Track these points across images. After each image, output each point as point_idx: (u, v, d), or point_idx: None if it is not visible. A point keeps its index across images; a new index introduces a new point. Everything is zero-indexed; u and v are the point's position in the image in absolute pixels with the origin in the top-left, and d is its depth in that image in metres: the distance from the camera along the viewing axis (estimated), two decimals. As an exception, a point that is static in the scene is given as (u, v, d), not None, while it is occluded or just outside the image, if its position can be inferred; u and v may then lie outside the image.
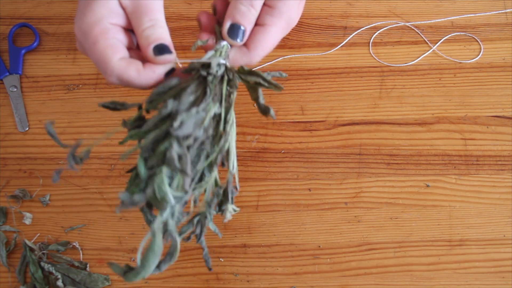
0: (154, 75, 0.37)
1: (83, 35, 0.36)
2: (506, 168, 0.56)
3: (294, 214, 0.54)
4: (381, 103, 0.59)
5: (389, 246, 0.53)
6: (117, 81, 0.37)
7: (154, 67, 0.37)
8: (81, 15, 0.37)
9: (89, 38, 0.36)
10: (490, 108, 0.58)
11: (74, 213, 0.54)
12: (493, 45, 0.61)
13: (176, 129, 0.34)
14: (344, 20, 0.63)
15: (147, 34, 0.37)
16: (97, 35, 0.36)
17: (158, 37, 0.37)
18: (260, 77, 0.38)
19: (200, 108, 0.36)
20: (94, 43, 0.36)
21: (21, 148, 0.57)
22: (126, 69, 0.36)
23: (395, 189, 0.55)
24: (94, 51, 0.36)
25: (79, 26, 0.36)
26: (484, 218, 0.54)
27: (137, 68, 0.36)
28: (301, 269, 0.52)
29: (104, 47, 0.36)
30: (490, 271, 0.52)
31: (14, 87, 0.59)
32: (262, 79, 0.38)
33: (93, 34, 0.36)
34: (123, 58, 0.36)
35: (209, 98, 0.37)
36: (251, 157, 0.56)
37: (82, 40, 0.37)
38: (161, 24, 0.37)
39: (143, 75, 0.36)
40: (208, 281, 0.52)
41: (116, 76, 0.36)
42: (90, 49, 0.36)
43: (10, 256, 0.53)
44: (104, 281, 0.51)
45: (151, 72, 0.37)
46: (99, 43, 0.36)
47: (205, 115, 0.36)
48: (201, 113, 0.36)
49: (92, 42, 0.36)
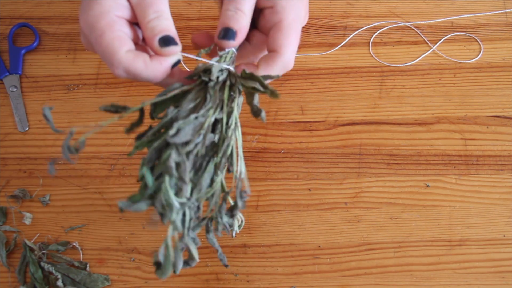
0: (161, 67, 0.37)
1: (89, 27, 0.36)
2: (506, 168, 0.56)
3: (294, 214, 0.54)
4: (381, 103, 0.59)
5: (389, 246, 0.53)
6: (123, 74, 0.36)
7: (161, 59, 0.37)
8: (87, 7, 0.36)
9: (96, 30, 0.36)
10: (490, 108, 0.58)
11: (74, 213, 0.54)
12: (493, 45, 0.61)
13: (172, 136, 0.34)
14: (344, 20, 0.63)
15: (152, 25, 0.37)
16: (103, 27, 0.36)
17: (164, 28, 0.37)
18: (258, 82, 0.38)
19: (199, 114, 0.36)
20: (100, 35, 0.35)
21: (21, 148, 0.57)
22: (133, 61, 0.36)
23: (395, 189, 0.55)
24: (100, 43, 0.36)
25: (85, 18, 0.36)
26: (484, 218, 0.54)
27: (145, 60, 0.36)
28: (301, 269, 0.52)
29: (111, 39, 0.35)
30: (490, 271, 0.52)
31: (14, 87, 0.60)
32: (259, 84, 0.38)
33: (99, 26, 0.36)
34: (130, 51, 0.36)
35: (208, 104, 0.37)
36: (251, 157, 0.56)
37: (88, 32, 0.37)
38: (166, 15, 0.37)
39: (150, 67, 0.36)
40: (208, 281, 0.52)
41: (123, 68, 0.36)
42: (97, 42, 0.36)
43: (10, 256, 0.53)
44: (104, 281, 0.51)
45: (158, 64, 0.37)
46: (105, 34, 0.35)
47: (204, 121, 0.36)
48: (200, 119, 0.36)
49: (98, 34, 0.36)
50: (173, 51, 0.37)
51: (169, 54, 0.37)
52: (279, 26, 0.40)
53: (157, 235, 0.53)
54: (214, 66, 0.38)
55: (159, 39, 0.36)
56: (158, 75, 0.37)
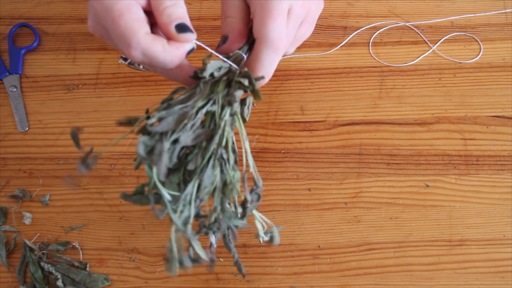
0: (178, 52, 0.37)
1: (105, 9, 0.36)
2: (506, 168, 0.56)
3: (294, 214, 0.54)
4: (381, 103, 0.59)
5: (389, 246, 0.53)
6: (140, 56, 0.37)
7: (178, 45, 0.37)
8: None
9: (113, 11, 0.36)
10: (490, 108, 0.58)
11: (74, 213, 0.54)
12: (493, 45, 0.61)
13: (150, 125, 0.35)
14: (344, 20, 0.63)
15: (169, 12, 0.37)
16: (122, 8, 0.36)
17: (180, 16, 0.37)
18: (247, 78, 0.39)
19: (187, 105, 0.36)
20: (119, 16, 0.36)
21: (21, 148, 0.57)
22: (152, 44, 0.36)
23: (395, 189, 0.55)
24: (118, 24, 0.36)
25: (99, 1, 0.36)
26: (484, 218, 0.54)
27: (163, 43, 0.37)
28: (301, 269, 0.52)
29: (130, 20, 0.36)
30: (490, 271, 0.52)
31: (14, 87, 0.60)
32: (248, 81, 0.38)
33: (118, 7, 0.36)
34: (149, 33, 0.37)
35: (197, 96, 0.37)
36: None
37: (104, 14, 0.36)
38: (182, 5, 0.38)
39: (168, 51, 0.37)
40: (208, 281, 0.52)
41: (141, 50, 0.36)
42: (114, 23, 0.36)
43: (10, 256, 0.53)
44: (104, 281, 0.51)
45: (176, 49, 0.37)
46: (124, 15, 0.36)
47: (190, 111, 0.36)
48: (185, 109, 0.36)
49: (117, 15, 0.36)
50: (189, 38, 0.37)
51: (185, 41, 0.38)
52: (253, 13, 0.40)
53: (157, 235, 0.53)
54: (210, 63, 0.39)
55: (175, 26, 0.37)
56: (174, 60, 0.37)
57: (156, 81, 0.60)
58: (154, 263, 0.52)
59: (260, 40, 0.40)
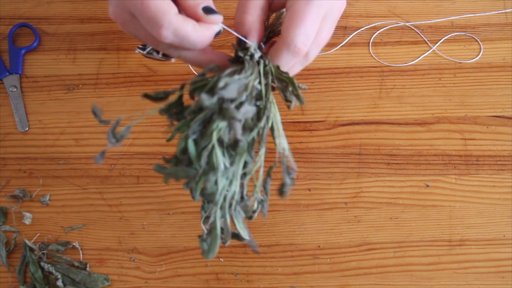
0: (208, 33, 0.38)
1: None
2: (506, 168, 0.56)
3: (294, 214, 0.54)
4: (381, 103, 0.59)
5: (389, 246, 0.53)
6: (171, 36, 0.37)
7: (207, 26, 0.38)
8: None
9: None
10: (490, 108, 0.58)
11: (74, 213, 0.54)
12: (493, 45, 0.61)
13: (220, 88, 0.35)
14: (344, 20, 0.63)
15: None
16: None
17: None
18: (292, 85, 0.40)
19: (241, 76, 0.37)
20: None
21: (21, 148, 0.57)
22: (183, 23, 0.37)
23: (395, 189, 0.55)
24: (148, 5, 0.36)
25: None
26: (484, 218, 0.54)
27: (193, 24, 0.37)
28: (301, 269, 0.52)
29: (159, 1, 0.36)
30: (490, 271, 0.52)
31: (14, 87, 0.60)
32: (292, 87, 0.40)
33: None
34: (179, 14, 0.37)
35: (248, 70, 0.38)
36: (251, 157, 0.56)
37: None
38: None
39: (198, 31, 0.38)
40: (208, 281, 0.52)
41: (173, 29, 0.37)
42: (143, 5, 0.36)
43: (10, 256, 0.53)
44: (104, 281, 0.51)
45: (206, 29, 0.38)
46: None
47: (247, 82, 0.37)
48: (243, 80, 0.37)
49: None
50: (217, 19, 0.38)
51: (214, 22, 0.38)
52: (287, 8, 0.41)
53: (157, 235, 0.53)
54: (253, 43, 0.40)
55: (202, 8, 0.38)
56: (204, 40, 0.38)
57: (156, 81, 0.60)
58: (154, 263, 0.52)
59: (284, 39, 0.40)
